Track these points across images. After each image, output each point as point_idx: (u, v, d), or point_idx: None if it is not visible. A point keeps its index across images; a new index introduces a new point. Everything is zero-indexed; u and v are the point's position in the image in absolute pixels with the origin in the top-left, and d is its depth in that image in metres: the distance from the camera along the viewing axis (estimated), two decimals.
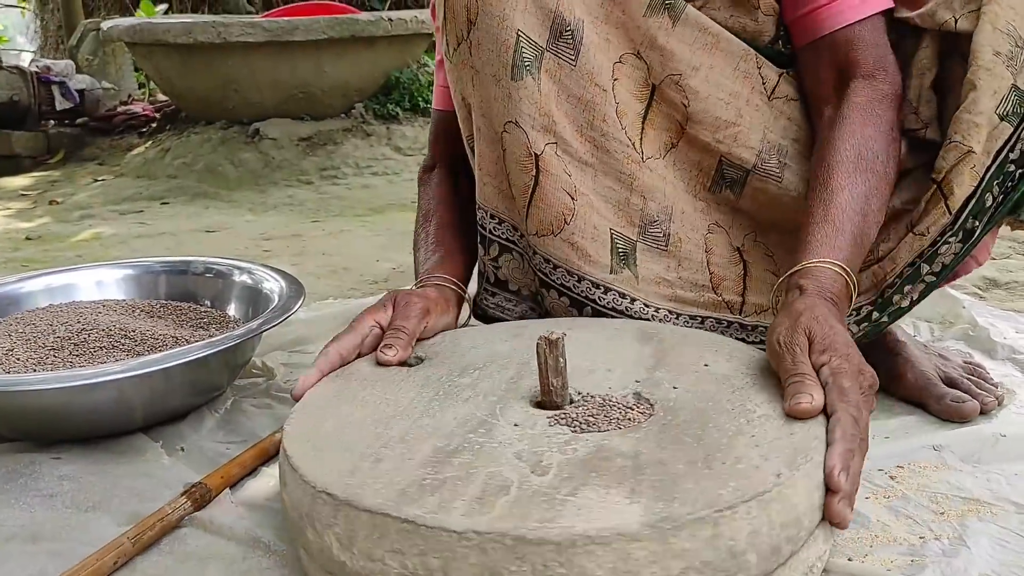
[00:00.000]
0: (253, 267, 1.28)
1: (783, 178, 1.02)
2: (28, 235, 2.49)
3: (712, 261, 1.04)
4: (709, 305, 1.03)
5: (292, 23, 3.25)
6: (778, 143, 1.02)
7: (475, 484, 0.65)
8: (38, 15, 7.50)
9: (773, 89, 1.01)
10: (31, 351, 1.08)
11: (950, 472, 0.89)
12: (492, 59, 0.94)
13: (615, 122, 0.98)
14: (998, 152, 0.94)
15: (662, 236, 1.02)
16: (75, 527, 0.85)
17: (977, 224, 0.96)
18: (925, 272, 0.98)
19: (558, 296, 1.00)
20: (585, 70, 0.96)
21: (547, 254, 0.99)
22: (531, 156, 0.95)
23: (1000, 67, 0.92)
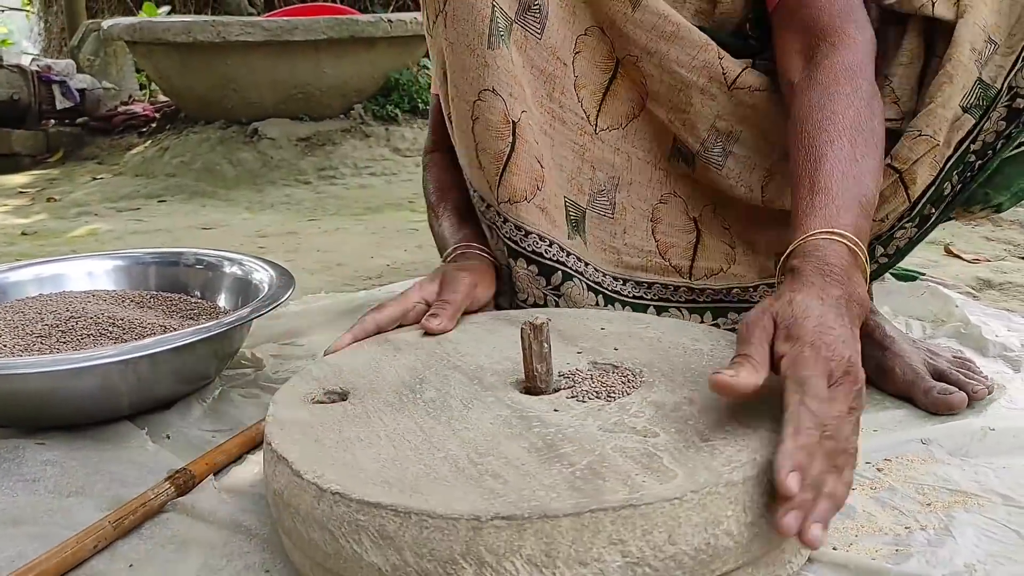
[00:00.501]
0: (243, 258, 1.27)
1: (724, 165, 1.04)
2: (24, 231, 2.48)
3: (658, 229, 1.06)
4: (656, 269, 1.06)
5: (292, 23, 3.25)
6: (729, 130, 1.03)
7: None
8: (42, 18, 7.53)
9: (735, 80, 1.01)
10: (18, 338, 1.07)
11: (938, 465, 0.88)
12: (467, 29, 0.95)
13: (572, 95, 1.01)
14: (959, 143, 0.96)
15: (608, 204, 1.05)
16: (57, 511, 0.84)
17: (934, 211, 0.98)
18: (879, 254, 1.01)
19: (527, 264, 1.01)
20: (548, 44, 0.98)
21: (519, 220, 0.99)
22: (508, 123, 0.96)
23: (972, 63, 0.94)
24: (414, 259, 1.95)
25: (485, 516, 0.57)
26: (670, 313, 1.06)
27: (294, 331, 1.35)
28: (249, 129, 3.33)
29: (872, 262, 1.00)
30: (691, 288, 1.06)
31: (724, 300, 1.06)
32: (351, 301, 1.49)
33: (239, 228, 2.43)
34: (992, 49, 0.95)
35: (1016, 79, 0.95)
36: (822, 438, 0.62)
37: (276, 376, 1.18)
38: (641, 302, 1.07)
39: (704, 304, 1.06)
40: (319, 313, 1.43)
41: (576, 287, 1.02)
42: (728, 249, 1.07)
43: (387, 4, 5.91)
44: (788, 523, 0.58)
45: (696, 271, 1.06)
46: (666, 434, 0.68)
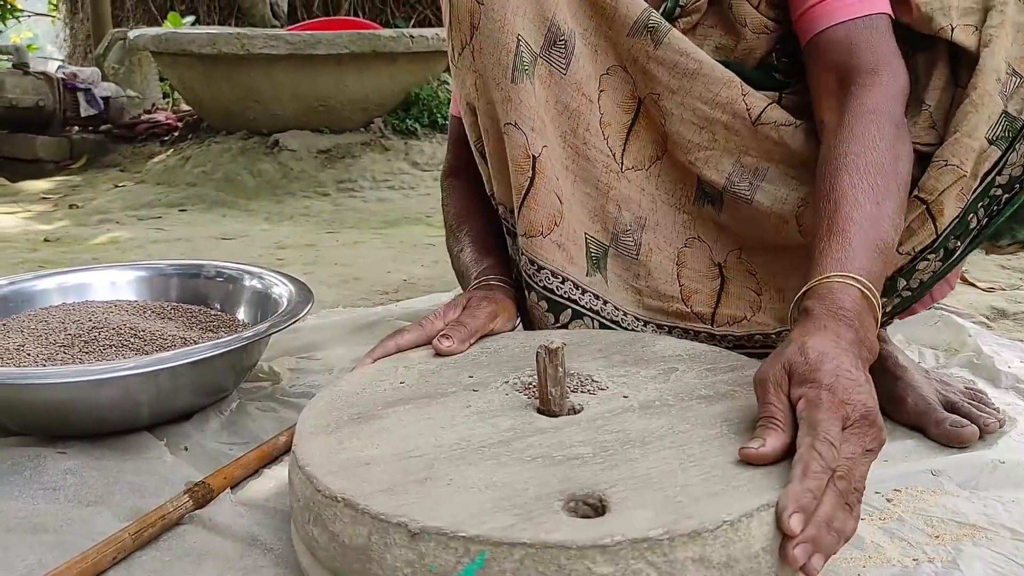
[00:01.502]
0: (263, 272, 1.29)
1: (753, 200, 1.02)
2: (47, 237, 2.52)
3: (683, 274, 1.05)
4: (677, 315, 1.05)
5: (315, 37, 3.28)
6: (756, 166, 1.02)
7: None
8: (68, 24, 7.62)
9: (759, 115, 1.00)
10: (41, 347, 1.10)
11: (947, 497, 0.89)
12: (493, 63, 0.96)
13: (598, 132, 1.00)
14: (985, 175, 0.96)
15: (633, 245, 1.04)
16: (76, 521, 0.86)
17: (959, 244, 0.97)
18: (901, 287, 1.00)
19: (537, 300, 1.01)
20: (574, 80, 0.98)
21: (533, 255, 1.00)
22: (529, 157, 0.97)
23: (997, 94, 0.94)
24: (431, 274, 1.97)
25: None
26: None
27: (311, 345, 1.37)
28: (270, 140, 3.37)
29: (895, 295, 1.00)
30: (712, 335, 1.04)
31: (745, 346, 1.05)
32: (368, 316, 1.50)
33: (258, 239, 2.45)
34: (1017, 82, 0.96)
35: None
36: (833, 479, 0.64)
37: (293, 390, 1.19)
38: None
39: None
40: (336, 328, 1.44)
41: (584, 325, 1.02)
42: (754, 296, 1.05)
43: (409, 19, 5.96)
44: (795, 555, 0.61)
45: (718, 318, 1.05)
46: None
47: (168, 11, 5.59)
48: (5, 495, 0.90)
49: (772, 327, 1.05)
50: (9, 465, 0.95)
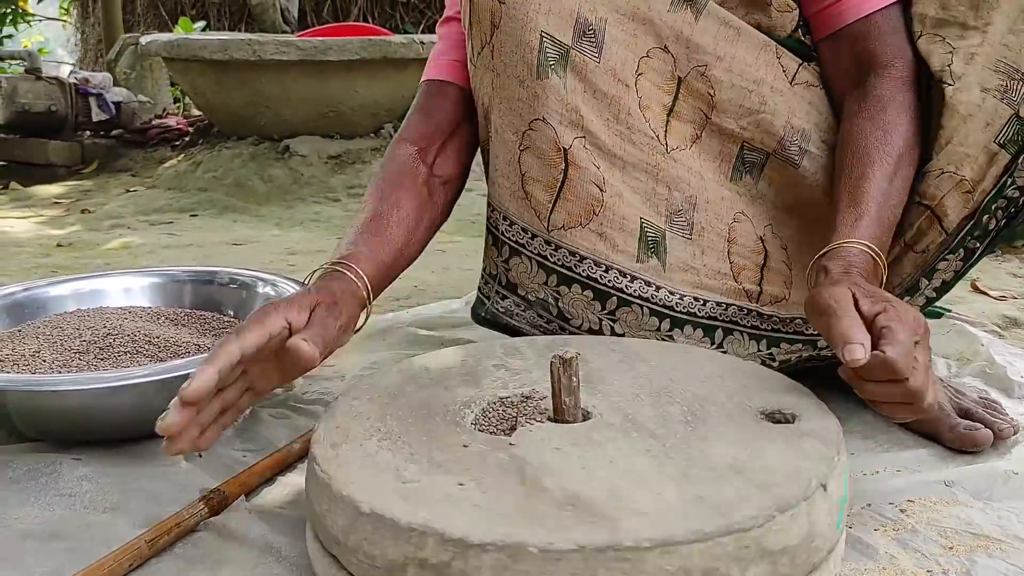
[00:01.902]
0: (276, 279, 1.30)
1: (800, 164, 1.06)
2: (59, 242, 2.53)
3: (733, 250, 1.07)
4: (730, 292, 1.07)
5: (326, 43, 3.30)
6: (801, 128, 1.06)
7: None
8: (79, 29, 7.67)
9: (794, 75, 1.05)
10: (57, 354, 1.10)
11: (961, 507, 0.89)
12: (515, 61, 0.97)
13: (639, 116, 1.01)
14: (997, 178, 0.99)
15: (687, 225, 1.05)
16: (92, 527, 0.86)
17: (978, 245, 1.02)
18: (924, 287, 1.05)
19: (581, 290, 1.02)
20: (608, 67, 0.99)
21: (574, 246, 1.01)
22: (559, 151, 0.98)
23: (991, 100, 0.98)
24: (441, 280, 1.97)
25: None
26: (734, 336, 1.07)
27: None
28: (281, 146, 3.38)
29: (919, 295, 1.05)
30: (760, 313, 1.07)
31: (781, 331, 1.07)
32: (379, 323, 1.51)
33: (269, 244, 2.46)
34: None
35: None
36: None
37: (306, 396, 1.20)
38: (713, 323, 1.07)
39: (763, 332, 1.07)
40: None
41: (633, 312, 1.02)
42: (786, 271, 1.08)
43: (418, 24, 5.98)
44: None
45: (764, 297, 1.07)
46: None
47: (179, 16, 5.62)
48: (22, 501, 0.91)
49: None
50: (25, 471, 0.96)
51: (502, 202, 1.04)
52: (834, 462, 0.70)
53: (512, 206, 1.03)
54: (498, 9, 0.97)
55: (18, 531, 0.85)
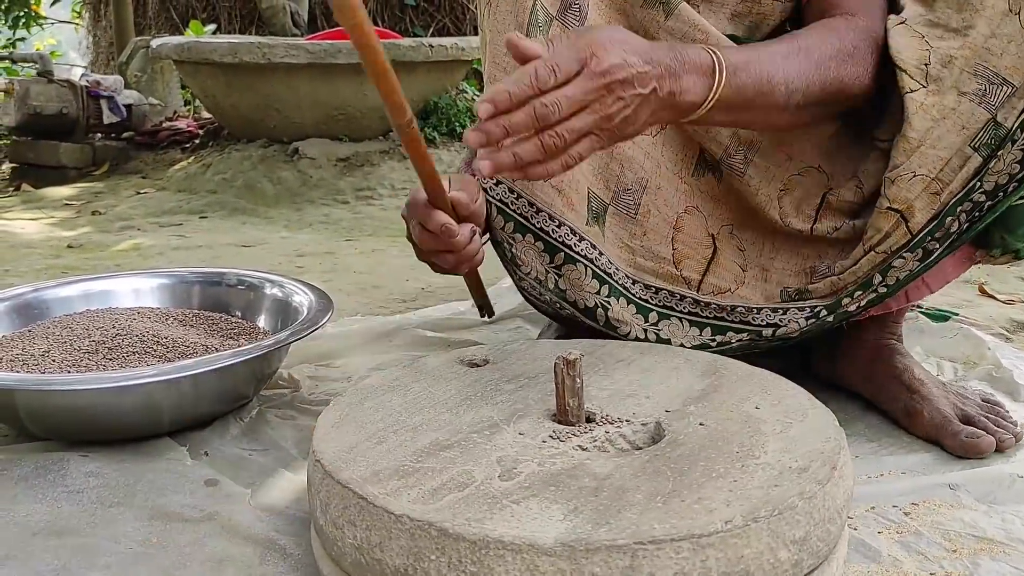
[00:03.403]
0: (284, 281, 1.31)
1: (745, 173, 1.09)
2: (70, 243, 2.55)
3: (678, 238, 1.10)
4: (666, 277, 1.10)
5: (335, 46, 3.31)
6: (751, 140, 1.08)
7: (442, 477, 0.70)
8: (91, 31, 7.71)
9: None
10: (66, 354, 1.11)
11: (965, 511, 0.89)
12: (509, 19, 1.01)
13: None
14: (967, 181, 0.99)
15: (633, 204, 1.08)
16: (99, 523, 0.87)
17: (938, 247, 1.01)
18: (878, 282, 1.04)
19: (534, 240, 1.05)
20: None
21: (532, 197, 1.04)
22: None
23: (967, 104, 0.97)
24: (448, 283, 1.98)
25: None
26: (671, 322, 1.09)
27: (330, 353, 1.38)
28: (290, 148, 3.40)
29: (870, 290, 1.04)
30: (696, 300, 1.09)
31: (726, 319, 1.09)
32: (386, 325, 1.51)
33: (278, 247, 2.47)
34: (1009, 91, 0.97)
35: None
36: (535, 100, 0.75)
37: (312, 397, 1.20)
38: (646, 305, 1.09)
39: (705, 319, 1.09)
40: (355, 336, 1.46)
41: (577, 271, 1.05)
42: (739, 271, 1.10)
43: (427, 27, 5.99)
44: (471, 139, 0.74)
45: (705, 286, 1.09)
46: (513, 483, 0.70)
47: (190, 19, 5.64)
48: (30, 498, 0.91)
49: (754, 302, 1.09)
50: (33, 468, 0.97)
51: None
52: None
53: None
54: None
55: (27, 528, 0.86)
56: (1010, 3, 0.96)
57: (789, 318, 1.06)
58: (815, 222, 1.08)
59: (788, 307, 1.07)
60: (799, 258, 1.10)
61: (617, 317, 1.06)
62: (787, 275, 1.10)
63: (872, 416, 1.12)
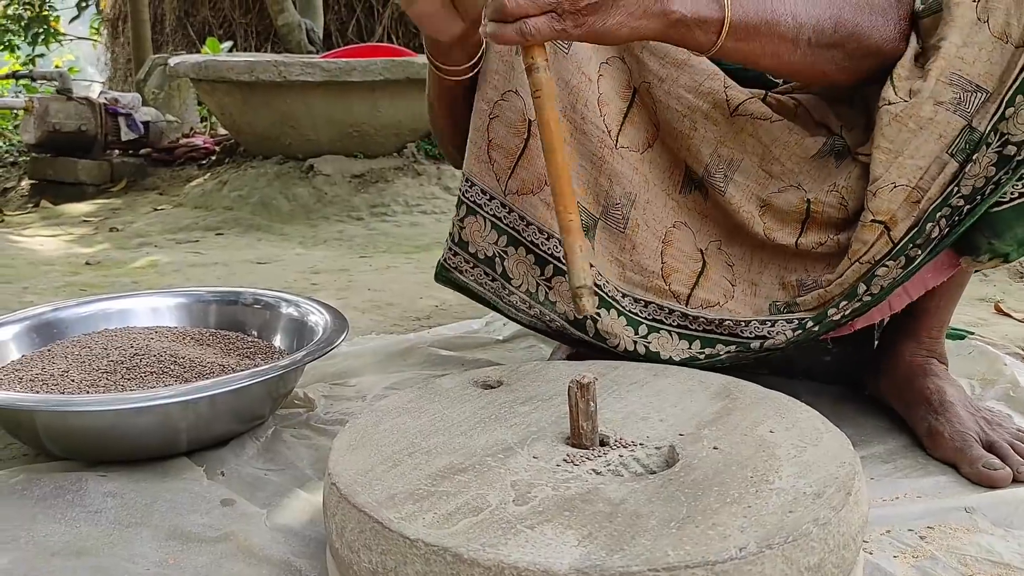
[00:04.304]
0: (300, 300, 1.32)
1: (726, 191, 1.10)
2: (88, 260, 2.57)
3: (667, 252, 1.11)
4: (655, 291, 1.11)
5: (350, 64, 3.34)
6: (731, 158, 1.10)
7: (457, 501, 0.70)
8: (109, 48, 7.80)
9: (737, 107, 1.09)
10: (85, 373, 1.12)
11: (981, 535, 0.88)
12: None
13: (595, 108, 1.08)
14: (944, 186, 1.00)
15: (621, 218, 1.10)
16: (117, 543, 0.88)
17: (919, 253, 1.01)
18: (862, 291, 1.04)
19: (525, 253, 1.08)
20: (575, 59, 1.06)
21: (523, 211, 1.07)
22: (525, 121, 1.06)
23: (943, 113, 0.99)
24: (462, 300, 1.98)
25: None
26: (660, 334, 1.09)
27: (345, 372, 1.39)
28: (305, 165, 3.42)
29: (855, 299, 1.04)
30: (685, 314, 1.10)
31: (715, 332, 1.09)
32: (400, 343, 1.52)
33: (293, 264, 2.49)
34: (983, 97, 0.99)
35: (1008, 126, 0.97)
36: None
37: (327, 417, 1.21)
38: (635, 317, 1.09)
39: (695, 332, 1.09)
40: (370, 355, 1.46)
41: (566, 283, 1.06)
42: (728, 286, 1.12)
43: None
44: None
45: (693, 300, 1.11)
46: (527, 508, 0.70)
47: (207, 36, 5.70)
48: (49, 518, 0.92)
49: (743, 315, 1.10)
50: (52, 489, 0.98)
51: (468, 165, 1.09)
52: None
53: (476, 169, 1.08)
54: None
55: (46, 548, 0.87)
56: (978, 12, 0.99)
57: (777, 330, 1.07)
58: (800, 236, 1.09)
59: (776, 319, 1.08)
60: (786, 272, 1.12)
61: (607, 329, 1.07)
62: (775, 289, 1.12)
63: (889, 437, 1.12)
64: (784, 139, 1.10)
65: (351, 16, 6.16)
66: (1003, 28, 0.98)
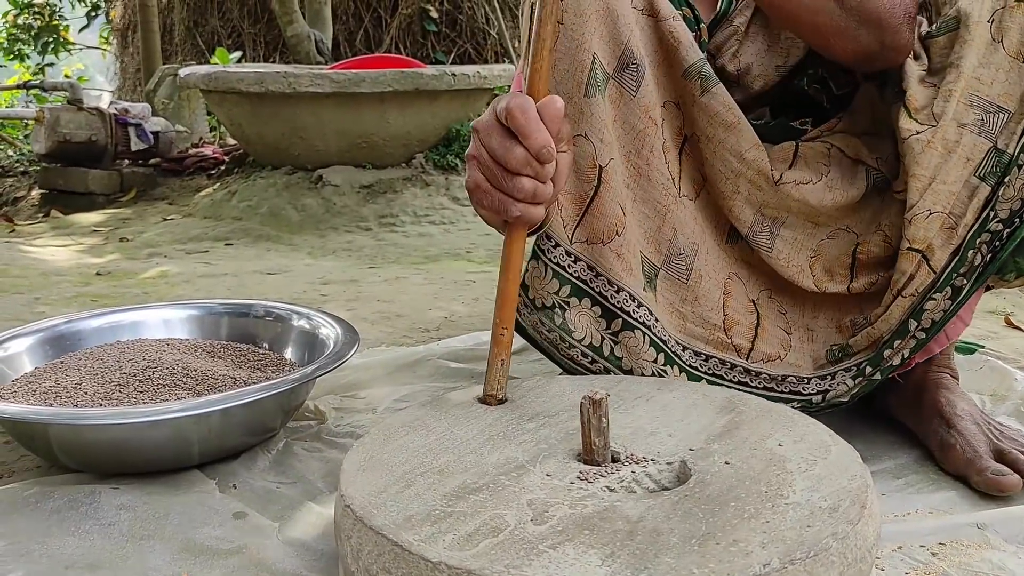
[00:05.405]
0: (311, 313, 1.32)
1: (773, 248, 1.09)
2: (98, 271, 2.59)
3: (728, 303, 1.09)
4: (716, 344, 1.09)
5: (359, 75, 3.35)
6: (775, 216, 1.08)
7: (475, 521, 0.69)
8: (118, 58, 7.84)
9: (780, 177, 1.07)
10: (98, 386, 1.13)
11: (993, 552, 0.88)
12: (567, 78, 1.00)
13: (660, 155, 1.05)
14: (979, 211, 0.99)
15: (685, 269, 1.08)
16: (130, 555, 0.88)
17: (966, 282, 1.01)
18: (914, 328, 1.03)
19: (591, 304, 1.04)
20: (642, 103, 1.03)
21: (594, 261, 1.03)
22: (595, 167, 1.01)
23: (968, 136, 0.99)
24: (471, 312, 1.99)
25: None
26: None
27: (355, 384, 1.40)
28: (314, 176, 3.44)
29: (908, 337, 1.03)
30: (747, 369, 1.07)
31: (775, 389, 1.08)
32: (410, 355, 1.53)
33: (302, 274, 2.50)
34: (1006, 118, 0.99)
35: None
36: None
37: (338, 429, 1.21)
38: (695, 372, 1.08)
39: (755, 389, 1.07)
40: (379, 367, 1.47)
41: (635, 338, 1.04)
42: (784, 335, 1.09)
43: (449, 53, 6.05)
44: None
45: (755, 354, 1.08)
46: (546, 527, 0.70)
47: (216, 46, 5.73)
48: (63, 531, 0.93)
49: (805, 370, 1.08)
50: (66, 501, 0.98)
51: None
52: None
53: None
54: (556, 30, 0.99)
55: (60, 561, 0.87)
56: (992, 32, 0.99)
57: (838, 381, 1.06)
58: (851, 281, 1.08)
59: (835, 371, 1.06)
60: (841, 314, 1.10)
61: None
62: (832, 333, 1.10)
63: (899, 452, 1.12)
64: (829, 197, 1.08)
65: (359, 27, 6.20)
66: (1018, 48, 0.98)
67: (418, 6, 6.07)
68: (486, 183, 0.88)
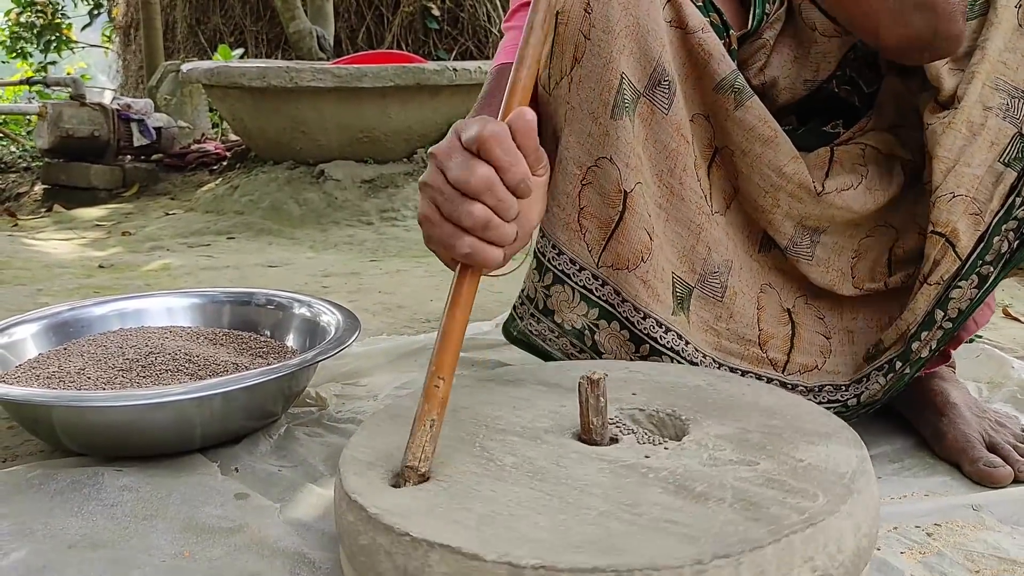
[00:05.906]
0: (312, 300, 1.33)
1: (814, 255, 1.06)
2: (101, 263, 2.60)
3: (762, 318, 1.07)
4: (752, 359, 1.06)
5: (361, 70, 3.36)
6: (816, 226, 1.06)
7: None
8: (120, 55, 7.85)
9: (821, 189, 1.04)
10: (101, 371, 1.14)
11: (988, 532, 0.89)
12: (592, 97, 0.97)
13: (692, 173, 1.02)
14: (1004, 198, 0.98)
15: (720, 287, 1.05)
16: (133, 535, 0.89)
17: (992, 270, 0.99)
18: (941, 318, 1.01)
19: (619, 328, 1.02)
20: (674, 120, 0.99)
21: (618, 286, 1.01)
22: (620, 192, 0.98)
23: (993, 119, 0.97)
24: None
25: (705, 558, 0.61)
26: None
27: (356, 372, 1.40)
28: (316, 170, 3.44)
29: (936, 327, 1.01)
30: (783, 383, 1.06)
31: (812, 401, 1.05)
32: (411, 344, 1.53)
33: (303, 267, 2.51)
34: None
35: None
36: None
37: (339, 415, 1.22)
38: None
39: None
40: (380, 355, 1.48)
41: (663, 362, 1.02)
42: (823, 340, 1.07)
43: (450, 50, 6.06)
44: None
45: (791, 366, 1.07)
46: (765, 461, 0.74)
47: (218, 43, 5.74)
48: (66, 512, 0.94)
49: (843, 376, 1.07)
50: (69, 483, 0.99)
51: (554, 230, 1.03)
52: None
53: (563, 236, 1.02)
54: (582, 44, 0.96)
55: (63, 541, 0.88)
56: (1019, 18, 0.98)
57: (872, 381, 1.05)
58: (889, 276, 1.07)
59: (869, 371, 1.05)
60: (880, 312, 1.08)
61: None
62: (871, 332, 1.09)
63: (896, 438, 1.13)
64: (871, 200, 1.06)
65: (361, 23, 6.21)
66: None
67: (420, 4, 6.08)
68: (436, 213, 0.79)
